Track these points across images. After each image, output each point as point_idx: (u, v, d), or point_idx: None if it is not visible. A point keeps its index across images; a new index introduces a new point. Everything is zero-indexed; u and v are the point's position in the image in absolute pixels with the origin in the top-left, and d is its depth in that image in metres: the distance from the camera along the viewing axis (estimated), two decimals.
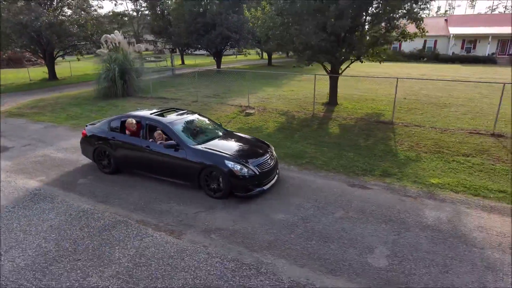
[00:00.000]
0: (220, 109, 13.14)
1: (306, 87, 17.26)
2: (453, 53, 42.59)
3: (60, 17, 21.21)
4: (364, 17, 10.17)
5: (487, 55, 40.59)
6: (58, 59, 27.43)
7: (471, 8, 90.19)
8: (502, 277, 4.15)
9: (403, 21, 10.87)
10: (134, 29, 70.88)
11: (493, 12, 71.77)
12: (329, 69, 12.68)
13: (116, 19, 75.23)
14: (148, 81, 16.95)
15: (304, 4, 9.98)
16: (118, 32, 17.04)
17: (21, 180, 7.06)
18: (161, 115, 7.19)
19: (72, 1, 22.50)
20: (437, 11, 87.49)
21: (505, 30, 39.76)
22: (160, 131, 6.66)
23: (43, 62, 26.21)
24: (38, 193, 6.48)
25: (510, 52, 41.29)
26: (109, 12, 25.98)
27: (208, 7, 22.21)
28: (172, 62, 25.32)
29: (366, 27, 11.09)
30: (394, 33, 11.09)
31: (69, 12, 22.55)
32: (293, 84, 19.66)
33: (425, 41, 45.76)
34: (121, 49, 16.52)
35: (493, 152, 8.20)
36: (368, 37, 10.89)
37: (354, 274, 4.21)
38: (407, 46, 45.81)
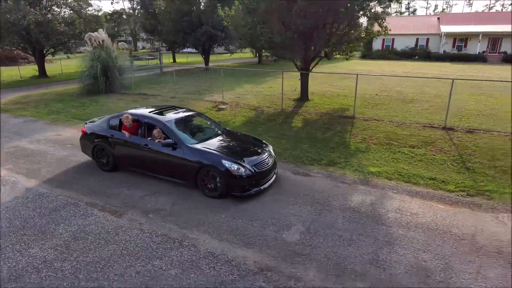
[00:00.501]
0: (196, 104, 13.64)
1: (285, 84, 17.71)
2: (444, 51, 42.94)
3: (49, 15, 21.71)
4: (326, 17, 10.62)
5: (477, 53, 40.88)
6: (52, 57, 27.97)
7: (469, 6, 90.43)
8: (396, 250, 4.65)
9: (364, 20, 11.33)
10: (131, 28, 71.46)
11: (490, 11, 72.00)
12: (301, 66, 13.17)
13: (113, 18, 75.76)
14: (133, 78, 17.47)
15: (269, 4, 10.47)
16: (102, 30, 17.53)
17: None
18: (160, 113, 7.13)
19: (61, 0, 22.97)
20: (434, 9, 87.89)
21: (495, 28, 40.12)
22: (159, 130, 6.58)
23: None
24: (2, 179, 7.01)
25: (501, 51, 41.57)
26: (99, 10, 26.23)
27: (194, 8, 22.70)
28: (160, 60, 25.82)
29: (330, 26, 11.54)
30: (357, 32, 11.54)
31: (58, 10, 23.03)
32: (274, 81, 20.13)
33: (417, 39, 46.23)
34: (105, 47, 17.02)
35: (438, 144, 8.69)
36: (329, 36, 11.32)
37: (266, 246, 4.73)
38: (400, 44, 46.33)
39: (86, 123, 7.87)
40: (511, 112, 10.98)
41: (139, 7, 30.02)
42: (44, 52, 24.20)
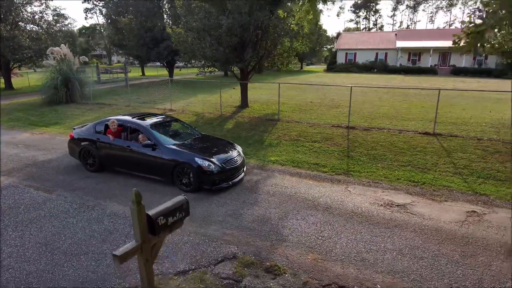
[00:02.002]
0: (145, 111, 15.12)
1: (236, 94, 19.53)
2: (400, 64, 46.22)
3: (15, 31, 22.85)
4: (251, 35, 12.51)
5: (429, 66, 44.33)
6: (18, 70, 28.86)
7: (431, 23, 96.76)
8: (254, 208, 6.31)
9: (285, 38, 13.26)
10: (105, 42, 72.25)
11: (450, 27, 77.44)
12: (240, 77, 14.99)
13: (87, 32, 76.08)
14: (96, 90, 18.81)
15: (201, 23, 12.27)
16: (64, 45, 18.87)
17: None
18: (142, 119, 8.02)
19: (28, 16, 24.17)
20: (399, 26, 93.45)
21: (445, 43, 43.86)
22: (143, 135, 7.39)
23: None
24: None
25: (450, 64, 45.30)
26: (69, 23, 27.52)
27: (158, 23, 24.46)
28: (126, 73, 27.22)
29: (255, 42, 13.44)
30: (278, 49, 13.49)
31: (24, 25, 24.17)
32: (227, 91, 21.92)
33: (376, 53, 49.65)
34: (66, 61, 18.35)
35: (336, 139, 10.56)
36: (257, 51, 13.21)
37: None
38: (361, 58, 49.59)
39: (74, 129, 8.63)
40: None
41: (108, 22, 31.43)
42: (10, 66, 25.14)
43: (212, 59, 12.89)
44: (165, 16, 27.06)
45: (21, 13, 23.86)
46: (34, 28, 24.74)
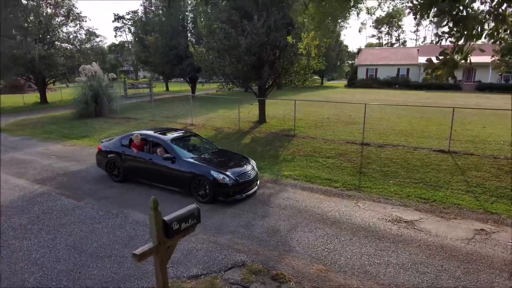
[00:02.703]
0: (169, 125, 15.90)
1: (254, 109, 20.10)
2: (423, 80, 45.64)
3: (52, 50, 24.66)
4: (268, 55, 13.08)
5: (453, 82, 43.53)
6: (53, 85, 30.89)
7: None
8: (264, 220, 6.65)
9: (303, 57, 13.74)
10: (132, 58, 75.70)
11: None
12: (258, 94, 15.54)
13: (116, 49, 79.96)
14: (123, 105, 19.93)
15: (222, 43, 13.00)
16: (95, 63, 20.23)
17: None
18: (163, 133, 8.61)
19: (63, 36, 26.06)
20: (423, 41, 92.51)
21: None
22: (162, 148, 7.99)
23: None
24: None
25: (475, 80, 44.34)
26: (100, 41, 29.39)
27: (179, 43, 25.72)
28: (151, 89, 28.54)
29: (273, 61, 14.00)
30: (297, 66, 13.98)
31: (59, 44, 26.06)
32: (246, 107, 22.55)
33: (398, 69, 49.42)
34: (97, 78, 19.62)
35: (349, 155, 10.79)
36: (275, 69, 13.73)
37: None
38: (382, 74, 49.41)
39: (101, 142, 9.38)
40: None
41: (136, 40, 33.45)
42: (46, 81, 27.00)
43: (232, 77, 13.54)
44: (188, 34, 28.35)
45: (57, 33, 25.74)
46: (68, 47, 26.55)
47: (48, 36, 25.63)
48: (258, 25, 11.95)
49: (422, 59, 46.22)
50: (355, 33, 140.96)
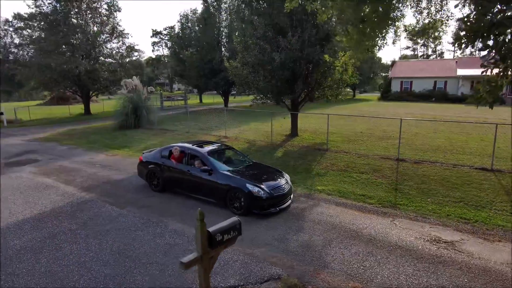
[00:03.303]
0: (203, 137, 16.43)
1: (286, 123, 20.25)
2: (462, 93, 43.81)
3: (96, 65, 26.40)
4: (302, 69, 13.24)
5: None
6: (96, 98, 32.90)
7: None
8: (299, 234, 6.71)
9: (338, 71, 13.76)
10: (168, 72, 78.80)
11: None
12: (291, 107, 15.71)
13: (153, 63, 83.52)
14: (160, 116, 20.85)
15: (256, 58, 13.37)
16: (135, 77, 21.40)
17: (40, 178, 10.57)
18: (200, 146, 8.95)
19: (107, 52, 27.84)
20: (462, 53, 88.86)
21: None
22: (200, 161, 8.34)
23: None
24: (48, 184, 9.90)
25: None
26: (139, 56, 31.02)
27: (213, 58, 26.67)
28: (185, 101, 29.58)
29: (307, 75, 14.13)
30: (331, 80, 14.02)
31: (103, 59, 27.84)
32: (278, 120, 22.74)
33: (435, 82, 47.74)
34: (137, 91, 20.72)
35: (384, 171, 10.60)
36: (308, 83, 13.86)
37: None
38: (418, 86, 47.97)
39: (143, 153, 9.87)
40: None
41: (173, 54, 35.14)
42: (90, 94, 28.83)
43: (265, 91, 13.84)
44: (223, 49, 29.27)
45: (102, 49, 27.55)
46: (111, 61, 28.29)
47: (94, 52, 27.47)
48: (293, 40, 12.19)
49: (461, 72, 44.49)
50: (389, 45, 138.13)
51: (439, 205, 8.17)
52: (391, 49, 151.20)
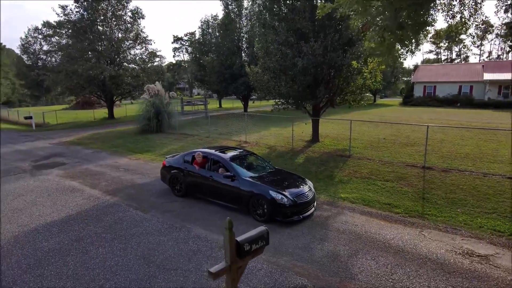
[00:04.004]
0: (223, 142, 16.50)
1: (307, 128, 20.06)
2: (489, 98, 42.28)
3: (120, 70, 27.11)
4: (324, 75, 13.09)
5: None
6: (119, 102, 33.75)
7: None
8: (323, 243, 6.56)
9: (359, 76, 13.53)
10: (188, 77, 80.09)
11: None
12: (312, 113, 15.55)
13: (174, 68, 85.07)
14: (180, 121, 21.13)
15: (278, 63, 13.33)
16: (158, 82, 21.78)
17: (67, 181, 10.86)
18: (223, 152, 8.97)
19: (131, 57, 28.55)
20: (488, 56, 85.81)
21: None
22: (223, 166, 8.35)
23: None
24: (75, 188, 10.15)
25: None
26: (159, 60, 31.59)
27: (234, 63, 26.86)
28: (205, 106, 29.87)
29: (329, 81, 13.94)
30: (354, 85, 13.79)
31: (127, 65, 28.56)
32: (298, 125, 22.57)
33: (460, 86, 46.21)
34: (159, 96, 21.08)
35: (410, 179, 10.27)
36: (330, 89, 13.67)
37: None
38: (442, 91, 46.58)
39: (166, 158, 9.92)
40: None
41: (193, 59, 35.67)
42: (114, 98, 29.60)
43: (287, 96, 13.76)
44: (243, 54, 29.45)
45: (126, 55, 28.28)
46: (134, 67, 28.99)
47: (118, 58, 28.25)
48: (315, 46, 12.08)
49: (487, 76, 42.97)
50: (419, 50, 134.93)
51: (470, 216, 7.81)
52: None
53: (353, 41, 12.63)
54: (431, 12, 5.08)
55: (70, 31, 26.93)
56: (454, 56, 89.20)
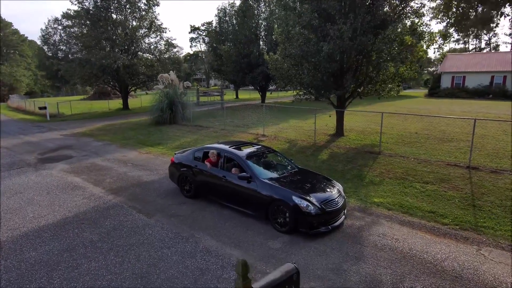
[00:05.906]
0: (239, 135, 15.37)
1: (331, 121, 18.66)
2: None
3: (134, 60, 26.29)
4: (352, 61, 11.67)
5: None
6: (134, 93, 33.15)
7: None
8: (359, 264, 5.36)
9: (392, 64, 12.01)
10: (205, 67, 79.23)
11: None
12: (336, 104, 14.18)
13: (191, 58, 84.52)
14: (195, 112, 20.14)
15: (300, 49, 11.98)
16: (172, 72, 20.80)
17: (70, 177, 10.02)
18: (238, 148, 7.74)
19: (145, 47, 27.67)
20: None
21: None
22: (238, 165, 7.25)
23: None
24: (77, 185, 9.28)
25: None
26: (177, 51, 30.54)
27: (251, 52, 25.53)
28: (222, 97, 28.79)
29: (357, 69, 12.49)
30: (385, 74, 12.29)
31: (141, 54, 27.72)
32: (320, 117, 21.13)
33: (492, 76, 43.27)
34: (173, 86, 20.11)
35: (454, 182, 8.86)
36: (357, 78, 12.24)
37: (251, 250, 5.81)
38: (472, 82, 43.79)
39: (175, 154, 8.88)
40: None
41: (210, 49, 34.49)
42: (128, 89, 28.92)
43: (309, 86, 12.43)
44: (261, 43, 28.07)
45: (140, 44, 27.42)
46: (149, 57, 28.13)
47: (133, 47, 27.44)
48: (344, 28, 10.64)
49: None
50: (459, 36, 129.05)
51: None
52: (439, 43, 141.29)
53: (387, 23, 11.12)
54: None
55: (84, 20, 26.25)
56: (483, 45, 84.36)
